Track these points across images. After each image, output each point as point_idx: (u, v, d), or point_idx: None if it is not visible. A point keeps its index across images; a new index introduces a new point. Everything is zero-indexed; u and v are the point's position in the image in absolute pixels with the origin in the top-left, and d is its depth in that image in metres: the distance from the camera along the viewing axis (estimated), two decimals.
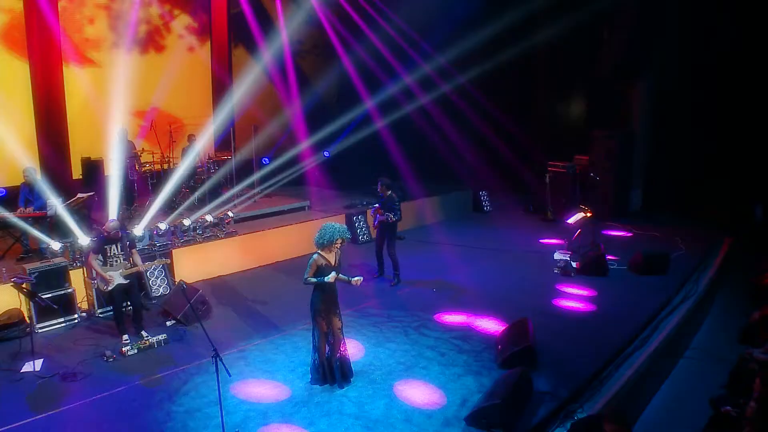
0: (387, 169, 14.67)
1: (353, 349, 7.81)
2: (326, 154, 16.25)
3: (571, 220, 12.62)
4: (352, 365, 7.19)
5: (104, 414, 6.42)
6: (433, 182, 16.28)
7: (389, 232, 10.51)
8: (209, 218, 11.44)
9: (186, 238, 11.00)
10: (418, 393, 6.85)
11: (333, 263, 6.85)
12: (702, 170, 15.10)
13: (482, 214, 16.79)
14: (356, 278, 7.05)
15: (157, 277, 10.01)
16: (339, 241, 6.80)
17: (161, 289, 9.99)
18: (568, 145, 16.43)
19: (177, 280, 10.08)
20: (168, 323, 8.81)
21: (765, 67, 13.87)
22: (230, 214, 11.87)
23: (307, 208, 13.98)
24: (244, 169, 14.12)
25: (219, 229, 11.50)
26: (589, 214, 12.59)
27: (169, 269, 10.24)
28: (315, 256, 6.83)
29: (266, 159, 14.97)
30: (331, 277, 6.70)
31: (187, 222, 11.08)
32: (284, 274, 11.32)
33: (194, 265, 10.80)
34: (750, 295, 11.28)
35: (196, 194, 12.53)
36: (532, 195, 16.75)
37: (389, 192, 10.38)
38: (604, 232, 13.92)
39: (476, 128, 17.20)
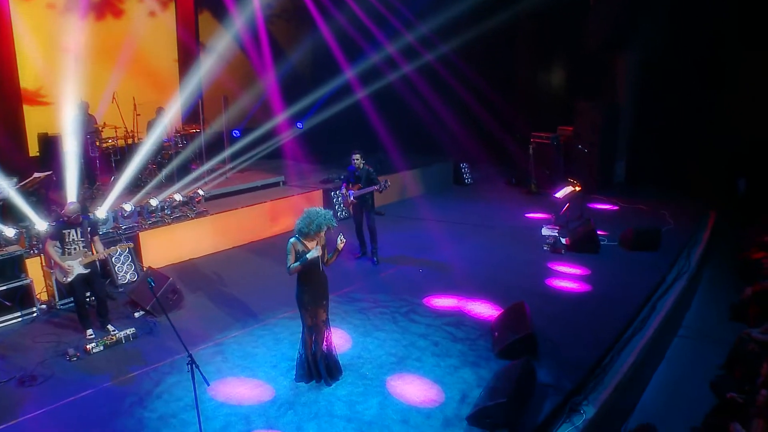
0: (366, 140, 14.07)
1: (339, 339, 7.28)
2: (299, 125, 15.48)
3: (560, 194, 12.18)
4: (339, 360, 6.65)
5: (68, 424, 5.78)
6: (413, 154, 15.67)
7: (368, 206, 9.96)
8: (178, 197, 10.78)
9: (153, 220, 10.31)
10: (414, 389, 6.34)
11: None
12: (685, 143, 14.83)
13: (463, 186, 16.32)
14: (339, 241, 6.29)
15: (123, 263, 9.29)
16: (323, 232, 6.14)
17: (128, 276, 9.29)
18: (552, 116, 15.96)
19: (145, 266, 9.40)
20: (136, 314, 8.12)
21: (751, 41, 13.56)
22: (201, 192, 11.23)
23: (282, 183, 13.34)
24: (215, 144, 13.31)
25: (189, 209, 10.84)
26: (578, 188, 12.17)
27: (135, 254, 9.53)
28: (292, 240, 6.16)
29: (237, 131, 14.16)
30: (315, 251, 5.99)
31: (154, 202, 10.39)
32: (260, 256, 10.71)
33: (163, 248, 10.12)
34: (738, 270, 11.15)
35: (164, 171, 11.79)
36: (515, 167, 16.28)
37: (363, 164, 9.83)
38: (590, 205, 13.56)
39: (458, 98, 16.59)
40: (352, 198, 9.89)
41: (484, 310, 8.34)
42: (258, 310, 8.35)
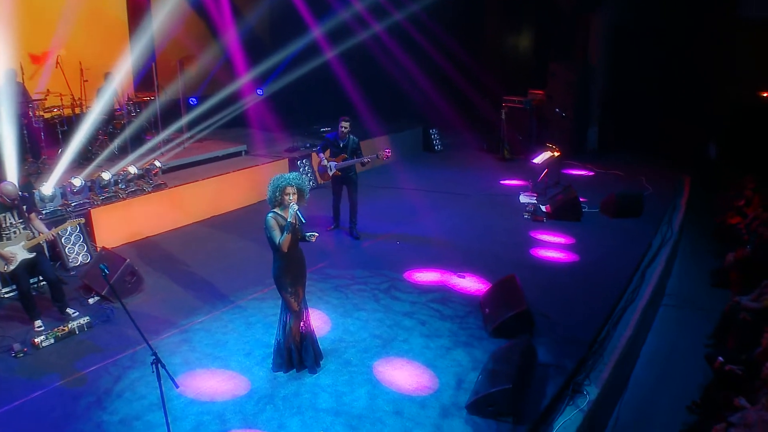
0: (332, 104, 13.34)
1: (317, 321, 6.68)
2: (260, 92, 14.54)
3: (538, 160, 11.71)
4: (319, 344, 6.06)
5: (15, 431, 5.06)
6: (381, 119, 14.92)
7: (352, 179, 9.30)
8: (133, 169, 9.92)
9: (106, 195, 9.44)
10: (404, 375, 5.82)
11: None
12: (658, 108, 14.59)
13: (433, 153, 15.74)
14: (310, 234, 5.65)
15: (74, 243, 8.45)
16: (290, 191, 5.42)
17: (80, 258, 8.46)
18: (523, 79, 15.44)
19: (98, 246, 8.58)
20: (90, 300, 7.34)
21: (724, 5, 13.26)
22: (157, 163, 10.37)
23: (244, 152, 12.53)
24: (171, 112, 12.33)
25: (145, 182, 10.01)
26: (557, 154, 11.72)
27: (88, 233, 8.68)
28: (270, 215, 5.49)
29: (193, 99, 13.18)
30: (293, 208, 5.34)
31: (106, 175, 9.50)
32: (224, 231, 9.97)
33: (118, 225, 9.29)
34: (715, 235, 11.02)
35: (116, 142, 10.84)
36: (486, 132, 15.76)
37: (347, 132, 9.14)
38: (565, 171, 13.20)
39: (427, 59, 15.85)
40: (335, 169, 9.18)
41: (469, 284, 7.86)
42: (226, 291, 7.68)
